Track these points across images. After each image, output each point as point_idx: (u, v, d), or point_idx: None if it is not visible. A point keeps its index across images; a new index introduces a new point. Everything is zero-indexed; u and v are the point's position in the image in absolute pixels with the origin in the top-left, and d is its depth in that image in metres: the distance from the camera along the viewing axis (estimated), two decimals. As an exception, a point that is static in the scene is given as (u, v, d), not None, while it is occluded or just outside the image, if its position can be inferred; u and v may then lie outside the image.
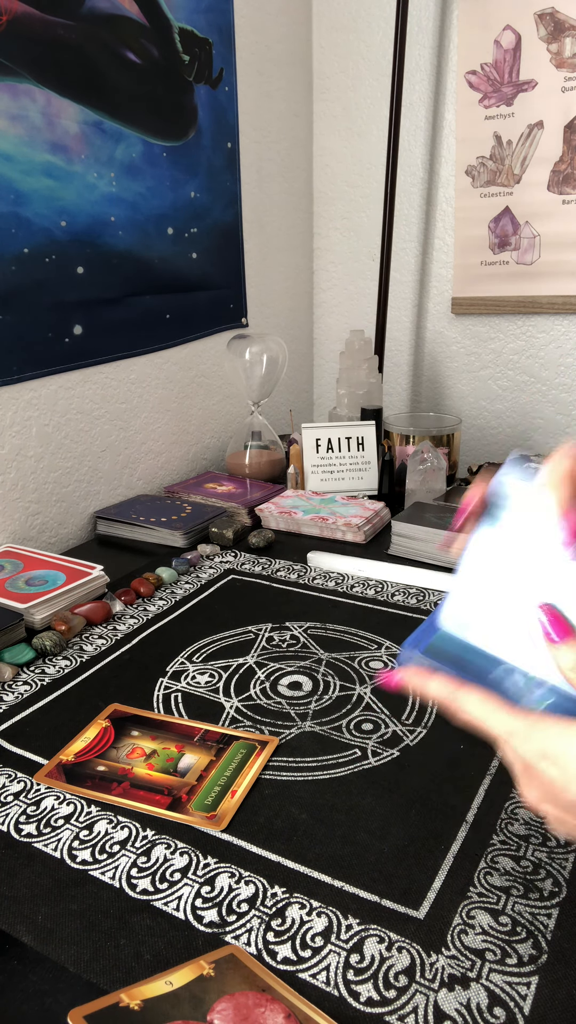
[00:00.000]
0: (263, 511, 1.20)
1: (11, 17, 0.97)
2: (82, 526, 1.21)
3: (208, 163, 1.37)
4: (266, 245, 1.61)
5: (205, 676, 0.79)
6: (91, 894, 0.52)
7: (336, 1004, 0.44)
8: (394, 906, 0.51)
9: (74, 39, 1.05)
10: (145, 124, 1.21)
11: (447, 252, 1.62)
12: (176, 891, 0.52)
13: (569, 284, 1.49)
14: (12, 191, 1.00)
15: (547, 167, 1.44)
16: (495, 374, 1.64)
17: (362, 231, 1.72)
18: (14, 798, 0.61)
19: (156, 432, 1.35)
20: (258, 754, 0.66)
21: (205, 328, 1.44)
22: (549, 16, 1.37)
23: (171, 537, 1.13)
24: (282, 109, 1.59)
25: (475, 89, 1.47)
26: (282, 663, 0.81)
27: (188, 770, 0.64)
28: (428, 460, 1.23)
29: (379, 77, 1.58)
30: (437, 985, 0.45)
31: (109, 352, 1.21)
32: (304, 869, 0.54)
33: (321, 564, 1.06)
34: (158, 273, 1.29)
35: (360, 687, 0.76)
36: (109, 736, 0.69)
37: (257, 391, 1.38)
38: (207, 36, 1.31)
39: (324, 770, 0.64)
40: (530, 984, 0.45)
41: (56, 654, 0.83)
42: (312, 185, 1.75)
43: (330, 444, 1.33)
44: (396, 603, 0.94)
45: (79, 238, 1.12)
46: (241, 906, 0.51)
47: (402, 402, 1.78)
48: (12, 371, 1.05)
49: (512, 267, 1.53)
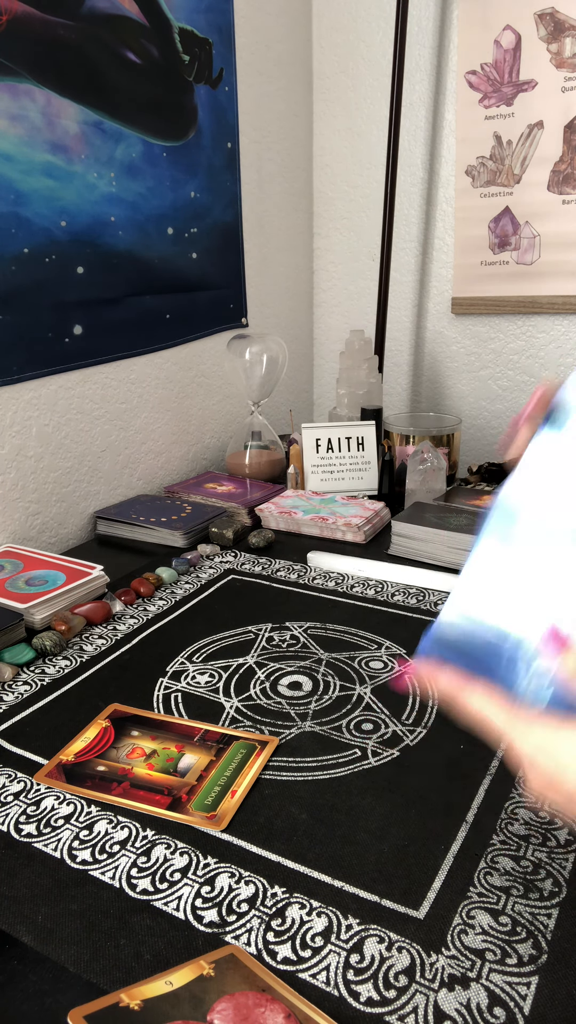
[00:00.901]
0: (263, 511, 1.20)
1: (11, 17, 0.97)
2: (82, 526, 1.21)
3: (208, 163, 1.37)
4: (266, 245, 1.61)
5: (205, 676, 0.79)
6: (91, 894, 0.52)
7: (336, 1004, 0.44)
8: (394, 906, 0.51)
9: (74, 39, 1.05)
10: (145, 124, 1.21)
11: (447, 252, 1.62)
12: (176, 891, 0.52)
13: (569, 284, 1.49)
14: (12, 191, 1.00)
15: (547, 167, 1.44)
16: (495, 374, 1.64)
17: (362, 231, 1.72)
18: (14, 798, 0.61)
19: (156, 432, 1.35)
20: (258, 754, 0.66)
21: (205, 328, 1.44)
22: (549, 16, 1.37)
23: (171, 537, 1.13)
24: (282, 109, 1.59)
25: (475, 89, 1.47)
26: (282, 663, 0.81)
27: (188, 770, 0.64)
28: (428, 460, 1.23)
29: (379, 77, 1.58)
30: (437, 985, 0.45)
31: (109, 352, 1.21)
32: (304, 869, 0.54)
33: (321, 564, 1.06)
34: (158, 273, 1.29)
35: (360, 687, 0.76)
36: (109, 736, 0.69)
37: (257, 391, 1.38)
38: (207, 36, 1.31)
39: (324, 770, 0.64)
40: (530, 984, 0.45)
41: (56, 654, 0.83)
42: (312, 185, 1.75)
43: (330, 444, 1.33)
44: (396, 603, 0.94)
45: (79, 238, 1.12)
46: (241, 906, 0.51)
47: (402, 402, 1.78)
48: (12, 371, 1.05)
49: (512, 267, 1.53)
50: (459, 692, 0.43)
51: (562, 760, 0.39)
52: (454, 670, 0.44)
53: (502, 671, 0.43)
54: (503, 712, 0.42)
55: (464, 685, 0.43)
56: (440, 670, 0.45)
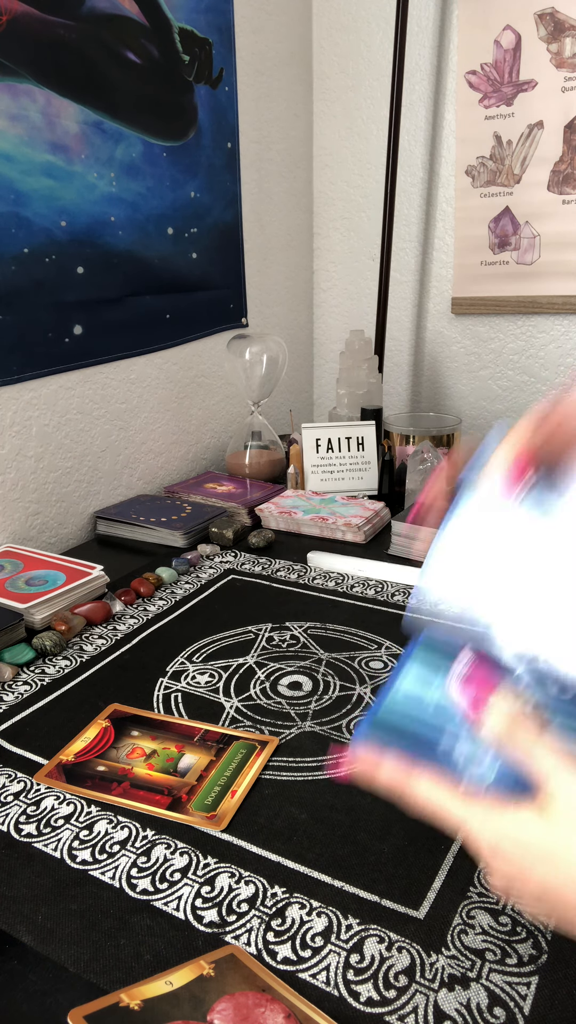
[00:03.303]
0: (263, 511, 1.20)
1: (11, 17, 0.97)
2: (82, 526, 1.21)
3: (208, 163, 1.37)
4: (266, 245, 1.61)
5: (205, 676, 0.79)
6: (91, 894, 0.52)
7: (336, 1004, 0.44)
8: (394, 906, 0.51)
9: (74, 39, 1.05)
10: (145, 124, 1.21)
11: (447, 252, 1.62)
12: (176, 891, 0.52)
13: (569, 284, 1.49)
14: (12, 191, 1.00)
15: (547, 167, 1.44)
16: (495, 374, 1.64)
17: (362, 231, 1.72)
18: (14, 798, 0.61)
19: (156, 432, 1.35)
20: (258, 754, 0.66)
21: (205, 328, 1.44)
22: (549, 16, 1.37)
23: (171, 537, 1.13)
24: (282, 109, 1.59)
25: (475, 89, 1.47)
26: (282, 663, 0.81)
27: (188, 770, 0.64)
28: (428, 460, 1.23)
29: (379, 77, 1.58)
30: (437, 985, 0.45)
31: (109, 352, 1.21)
32: (304, 869, 0.54)
33: (321, 564, 1.06)
34: (158, 273, 1.29)
35: (360, 687, 0.76)
36: (109, 736, 0.69)
37: (257, 391, 1.38)
38: (207, 36, 1.31)
39: (324, 770, 0.64)
40: (530, 984, 0.45)
41: (56, 654, 0.83)
42: (312, 185, 1.75)
43: (330, 444, 1.33)
44: (396, 603, 0.94)
45: (79, 238, 1.12)
46: (241, 906, 0.51)
47: (402, 402, 1.78)
48: (12, 371, 1.05)
49: (512, 267, 1.53)
50: (405, 782, 0.39)
51: (529, 848, 0.35)
52: (395, 755, 0.40)
53: (442, 750, 0.40)
54: (456, 799, 0.38)
55: (409, 772, 0.39)
56: (380, 757, 0.40)
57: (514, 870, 0.36)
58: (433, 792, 0.38)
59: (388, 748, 0.41)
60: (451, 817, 0.38)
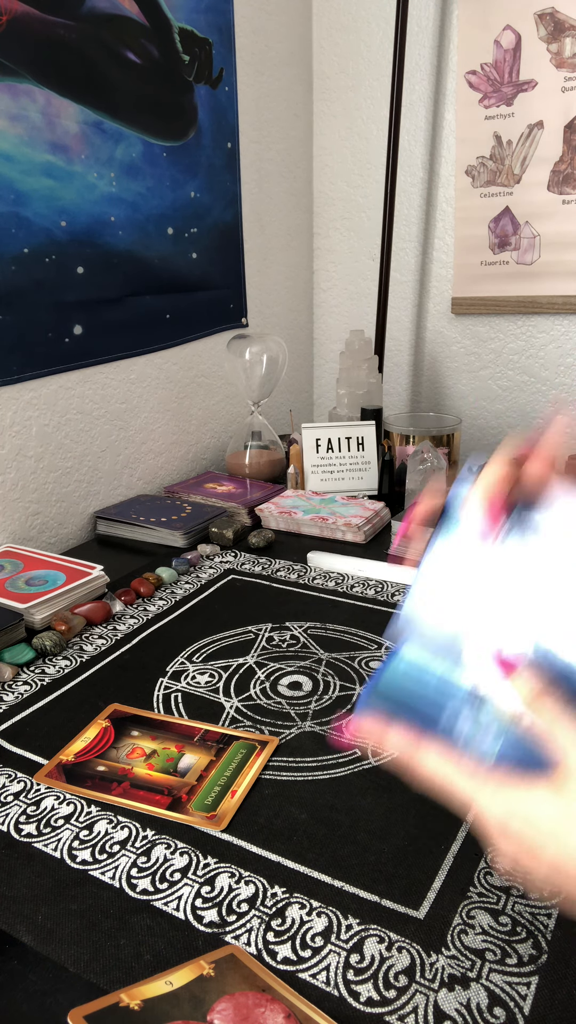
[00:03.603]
0: (263, 511, 1.20)
1: (11, 17, 0.97)
2: (82, 526, 1.21)
3: (208, 163, 1.37)
4: (266, 245, 1.61)
5: (205, 676, 0.79)
6: (91, 894, 0.52)
7: (336, 1004, 0.44)
8: (394, 906, 0.51)
9: (74, 39, 1.05)
10: (145, 124, 1.21)
11: (447, 252, 1.62)
12: (176, 891, 0.52)
13: (569, 284, 1.49)
14: (12, 191, 1.00)
15: (547, 167, 1.44)
16: (495, 374, 1.64)
17: (362, 231, 1.72)
18: (14, 798, 0.61)
19: (156, 432, 1.35)
20: (258, 754, 0.66)
21: (205, 328, 1.44)
22: (549, 16, 1.37)
23: (171, 537, 1.13)
24: (282, 109, 1.59)
25: (475, 89, 1.47)
26: (282, 663, 0.81)
27: (188, 770, 0.64)
28: (428, 460, 1.22)
29: (379, 77, 1.58)
30: (437, 985, 0.45)
31: (109, 352, 1.21)
32: (304, 869, 0.54)
33: (321, 564, 1.06)
34: (158, 273, 1.29)
35: (360, 687, 0.76)
36: (109, 736, 0.69)
37: (257, 391, 1.38)
38: (207, 36, 1.31)
39: (324, 770, 0.64)
40: (530, 984, 0.45)
41: (56, 654, 0.83)
42: (312, 185, 1.75)
43: (330, 444, 1.33)
44: (396, 603, 0.94)
45: (79, 238, 1.12)
46: (241, 906, 0.51)
47: (402, 402, 1.78)
48: (12, 371, 1.05)
49: (512, 267, 1.53)
50: (412, 754, 0.39)
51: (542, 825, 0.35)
52: (401, 725, 0.40)
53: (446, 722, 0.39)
54: (464, 774, 0.37)
55: (416, 745, 0.39)
56: (386, 727, 0.40)
57: (523, 848, 0.35)
58: (441, 766, 0.38)
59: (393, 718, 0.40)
60: (459, 792, 0.38)
